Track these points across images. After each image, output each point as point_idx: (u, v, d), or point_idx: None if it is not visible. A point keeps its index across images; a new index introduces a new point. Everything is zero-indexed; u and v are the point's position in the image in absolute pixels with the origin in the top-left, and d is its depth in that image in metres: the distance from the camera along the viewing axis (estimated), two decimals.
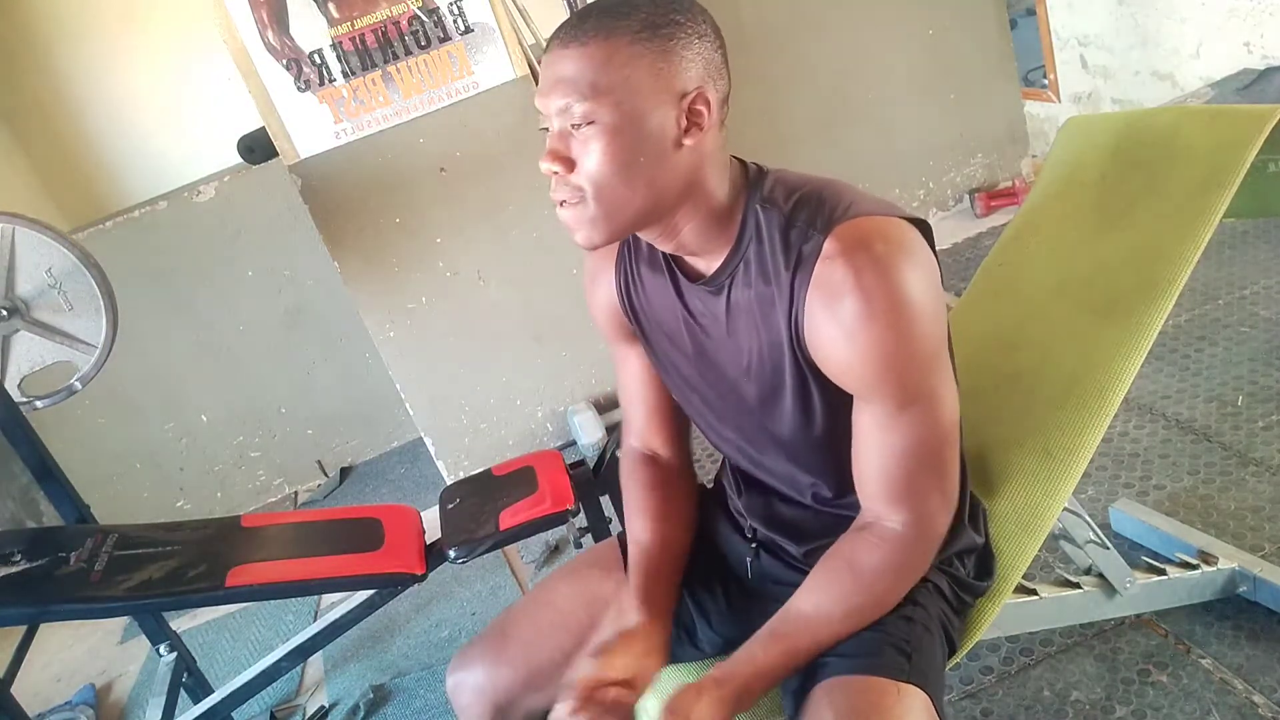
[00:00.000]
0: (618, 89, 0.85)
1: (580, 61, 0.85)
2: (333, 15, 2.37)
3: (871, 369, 0.88)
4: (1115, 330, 1.23)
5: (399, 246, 2.61)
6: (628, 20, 0.85)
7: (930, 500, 0.94)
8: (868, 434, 0.94)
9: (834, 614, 0.95)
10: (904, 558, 0.95)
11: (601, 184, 0.88)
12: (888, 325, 0.85)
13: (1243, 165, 1.19)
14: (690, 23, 0.87)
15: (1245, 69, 2.51)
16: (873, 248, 0.86)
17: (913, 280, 0.86)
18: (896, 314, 0.85)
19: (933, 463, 0.94)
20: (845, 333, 0.87)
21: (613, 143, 0.86)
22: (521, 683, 1.14)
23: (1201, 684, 1.46)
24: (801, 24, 3.17)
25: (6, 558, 1.59)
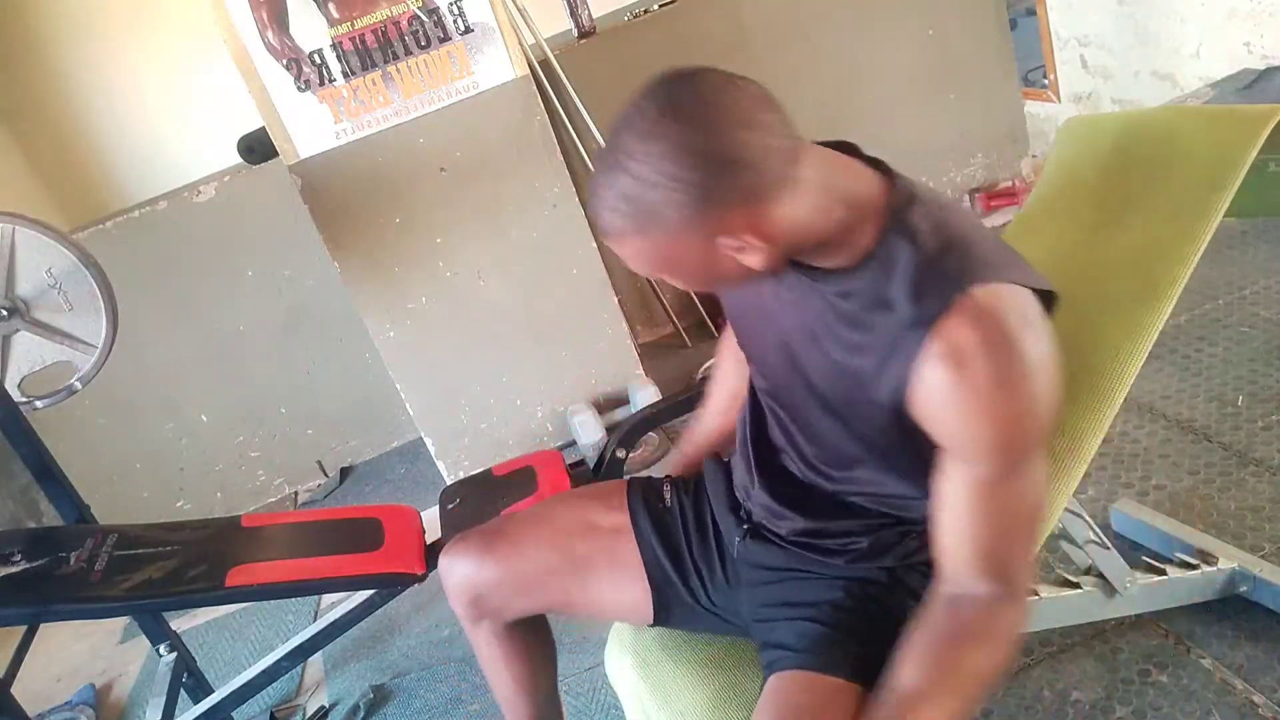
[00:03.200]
0: (642, 268, 0.89)
1: (625, 252, 0.88)
2: (333, 15, 2.37)
3: (984, 434, 0.85)
4: (1115, 330, 1.23)
5: (399, 246, 2.61)
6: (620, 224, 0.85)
7: (1020, 569, 0.92)
8: (957, 498, 0.91)
9: (929, 688, 0.89)
10: (998, 624, 0.91)
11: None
12: (1011, 395, 0.84)
13: (1243, 165, 1.19)
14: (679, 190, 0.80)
15: (1245, 69, 2.51)
16: (1006, 316, 0.84)
17: (1038, 356, 0.85)
18: (1021, 386, 0.84)
19: (1027, 532, 0.92)
20: (965, 396, 0.84)
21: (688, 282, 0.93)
22: (502, 583, 1.23)
23: (1201, 684, 1.46)
24: (801, 24, 3.17)
25: (6, 558, 1.59)
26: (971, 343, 0.82)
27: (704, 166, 0.79)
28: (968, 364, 0.83)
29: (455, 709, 1.98)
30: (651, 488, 1.29)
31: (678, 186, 0.80)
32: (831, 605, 1.04)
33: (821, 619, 1.03)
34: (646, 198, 0.81)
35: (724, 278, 0.89)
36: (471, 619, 1.29)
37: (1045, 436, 0.90)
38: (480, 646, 1.33)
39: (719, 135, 0.80)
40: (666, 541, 1.22)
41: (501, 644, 1.31)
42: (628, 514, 1.25)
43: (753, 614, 1.15)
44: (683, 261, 0.87)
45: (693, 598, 1.22)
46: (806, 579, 1.10)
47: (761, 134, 0.82)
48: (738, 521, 1.17)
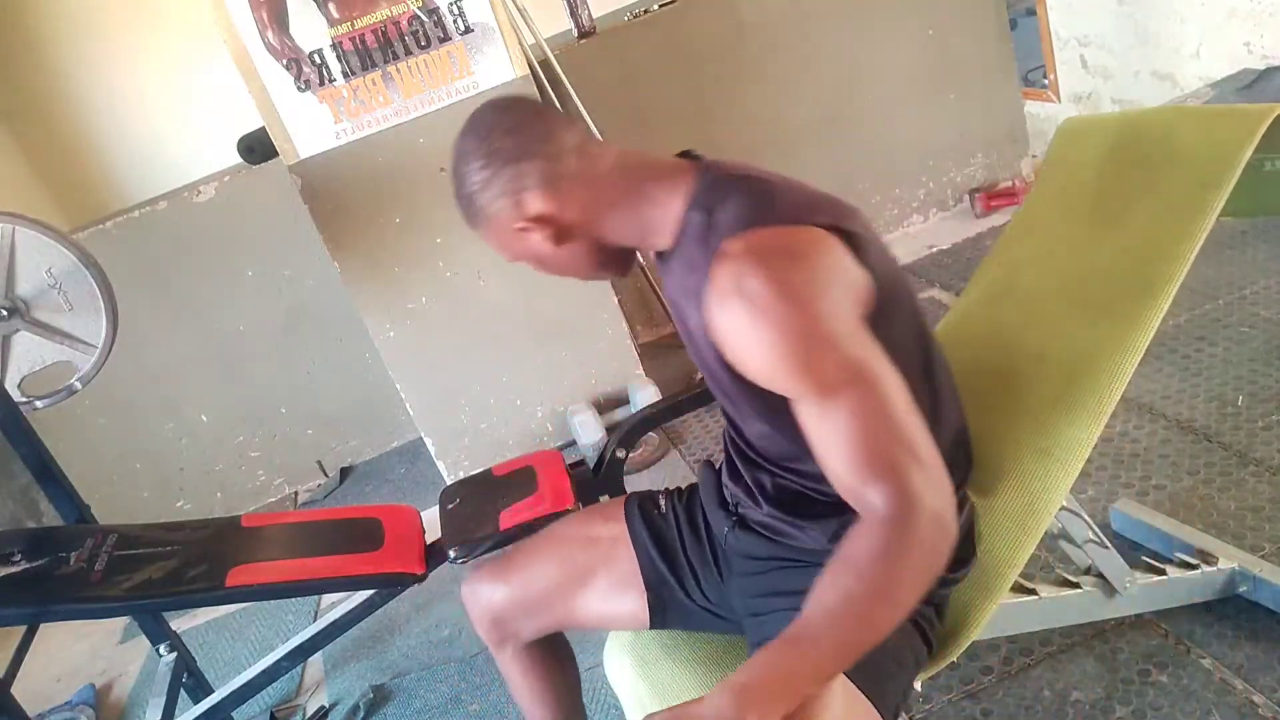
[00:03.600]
0: (503, 253, 1.10)
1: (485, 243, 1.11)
2: (333, 15, 2.37)
3: (774, 368, 0.89)
4: (1112, 328, 1.23)
5: (399, 246, 2.61)
6: (468, 219, 1.07)
7: (907, 471, 0.86)
8: (813, 429, 0.91)
9: (837, 610, 0.84)
10: (896, 537, 0.85)
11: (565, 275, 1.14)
12: (772, 323, 0.87)
13: (1238, 164, 1.19)
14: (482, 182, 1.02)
15: (1245, 69, 2.51)
16: (755, 259, 0.90)
17: (793, 276, 0.89)
18: (778, 310, 0.87)
19: (891, 436, 0.88)
20: (739, 338, 0.91)
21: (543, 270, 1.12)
22: (517, 604, 1.31)
23: (1201, 684, 1.46)
24: (801, 24, 3.17)
25: (6, 558, 1.59)
26: (729, 284, 0.90)
27: (481, 167, 1.02)
28: (729, 303, 0.90)
29: (455, 709, 1.99)
30: (648, 498, 1.35)
31: (472, 184, 1.03)
32: None
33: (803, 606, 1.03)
34: (462, 195, 1.05)
35: (553, 261, 1.08)
36: (495, 643, 1.36)
37: (851, 342, 0.89)
38: (506, 670, 1.39)
39: (489, 141, 1.02)
40: (661, 544, 1.28)
41: (523, 664, 1.37)
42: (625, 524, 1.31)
43: (745, 607, 1.17)
44: (511, 245, 1.07)
45: (688, 596, 1.26)
46: (794, 567, 1.12)
47: (525, 138, 1.01)
48: (726, 515, 1.21)
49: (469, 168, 1.03)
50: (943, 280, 3.08)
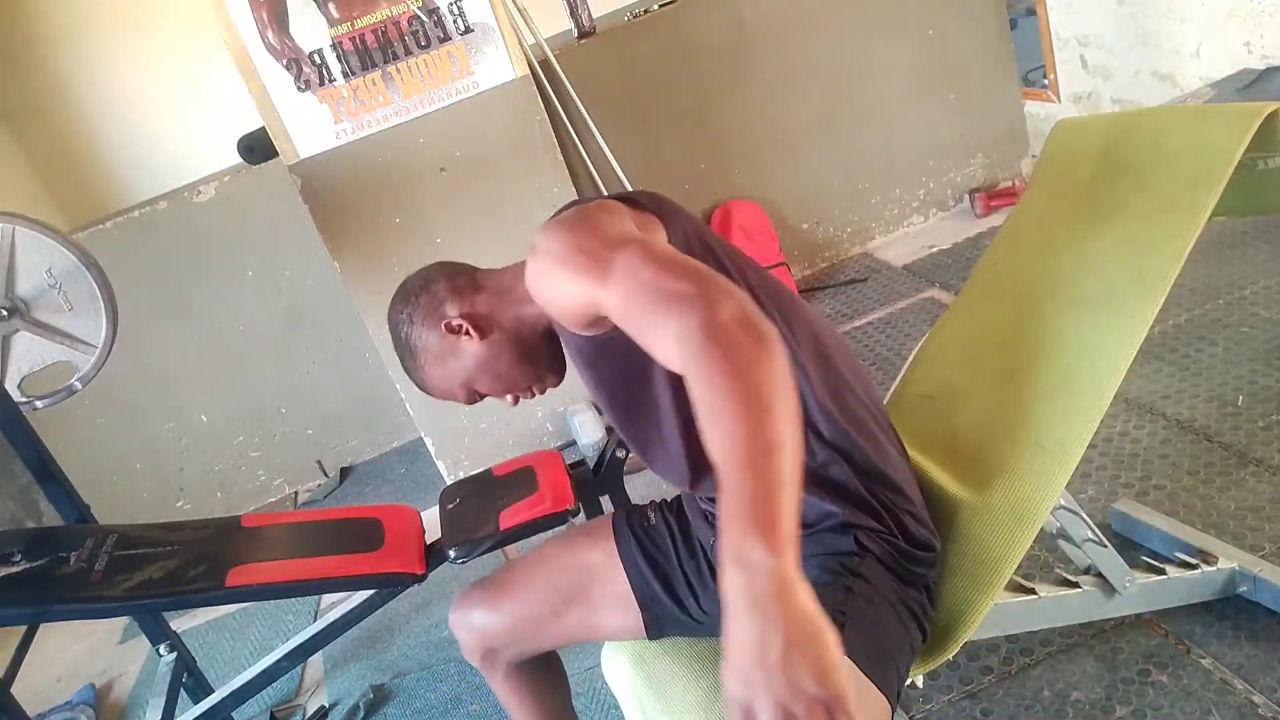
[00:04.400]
0: (455, 391, 1.25)
1: (441, 398, 1.28)
2: (333, 15, 2.37)
3: (561, 280, 0.97)
4: (1107, 326, 1.24)
5: (399, 246, 2.61)
6: (413, 371, 1.26)
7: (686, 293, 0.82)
8: (623, 321, 0.90)
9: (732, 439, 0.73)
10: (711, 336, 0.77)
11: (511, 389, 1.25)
12: (548, 251, 0.99)
13: (1230, 163, 1.20)
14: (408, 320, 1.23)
15: (1245, 69, 2.51)
16: (540, 229, 1.04)
17: (562, 218, 1.03)
18: (550, 239, 0.99)
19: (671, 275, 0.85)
20: (538, 283, 1.03)
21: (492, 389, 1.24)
22: (510, 632, 1.30)
23: (1201, 684, 1.46)
24: (801, 24, 3.17)
25: (6, 558, 1.59)
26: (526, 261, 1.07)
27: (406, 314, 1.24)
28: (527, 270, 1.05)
29: (455, 709, 1.98)
30: (636, 512, 1.35)
31: (404, 331, 1.24)
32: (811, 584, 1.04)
33: None
34: (404, 348, 1.24)
35: (488, 359, 1.19)
36: (488, 669, 1.36)
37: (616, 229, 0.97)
38: (499, 689, 1.40)
39: (407, 299, 1.25)
40: (653, 562, 1.28)
41: (515, 684, 1.38)
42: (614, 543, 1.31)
43: None
44: (451, 369, 1.21)
45: (683, 611, 1.26)
46: None
47: (428, 279, 1.26)
48: (709, 526, 1.22)
49: (399, 322, 1.23)
50: (943, 280, 3.08)
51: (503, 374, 1.20)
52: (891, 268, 3.30)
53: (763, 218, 3.24)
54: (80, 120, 3.53)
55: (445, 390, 1.23)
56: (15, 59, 3.40)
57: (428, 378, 1.23)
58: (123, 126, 3.58)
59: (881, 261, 3.38)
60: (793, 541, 0.69)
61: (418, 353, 1.22)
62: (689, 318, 0.79)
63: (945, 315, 1.60)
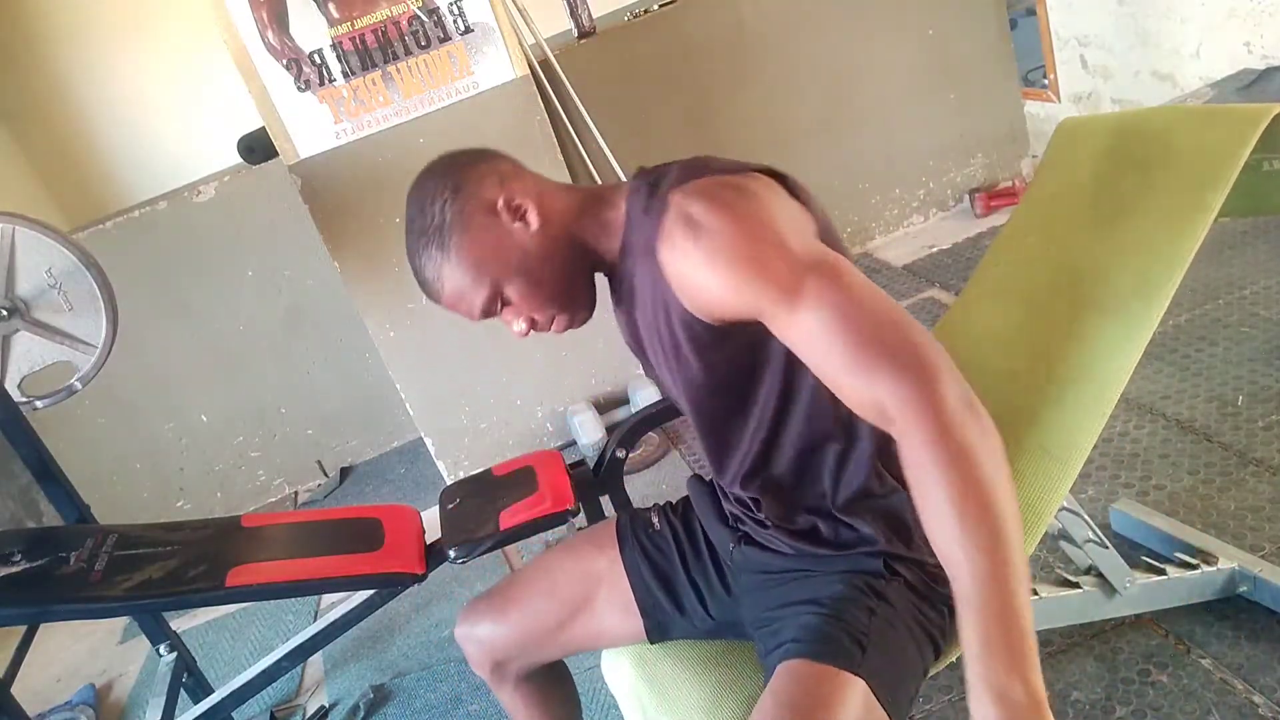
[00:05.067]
0: (478, 287, 1.05)
1: (451, 301, 1.08)
2: (333, 15, 2.37)
3: (732, 282, 0.89)
4: (1111, 329, 1.23)
5: (399, 246, 2.58)
6: (431, 257, 1.06)
7: (904, 353, 0.81)
8: (797, 343, 0.87)
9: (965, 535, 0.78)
10: (938, 425, 0.78)
11: (539, 307, 1.08)
12: (720, 235, 0.89)
13: (1236, 164, 1.19)
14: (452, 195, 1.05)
15: (1245, 69, 2.51)
16: (699, 190, 0.94)
17: (735, 199, 0.92)
18: (723, 224, 0.90)
19: (872, 317, 0.83)
20: (692, 266, 0.91)
21: (520, 298, 1.07)
22: (517, 643, 1.28)
23: (1201, 684, 1.46)
24: (801, 24, 3.17)
25: (6, 558, 1.59)
26: (675, 221, 0.93)
27: (449, 189, 1.06)
28: (677, 236, 0.93)
29: (455, 709, 1.98)
30: (640, 517, 1.32)
31: (438, 205, 1.06)
32: (832, 598, 1.04)
33: (824, 611, 1.02)
34: (429, 227, 1.06)
35: (537, 257, 1.04)
36: (495, 681, 1.34)
37: (803, 244, 0.90)
38: (507, 702, 1.38)
39: (445, 175, 1.08)
40: (658, 570, 1.25)
41: (524, 695, 1.36)
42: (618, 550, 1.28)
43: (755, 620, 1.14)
44: (489, 259, 1.04)
45: (688, 619, 1.24)
46: (807, 577, 1.10)
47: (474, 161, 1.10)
48: (730, 531, 1.18)
49: (434, 187, 1.06)
50: (943, 280, 3.08)
51: (544, 281, 1.05)
52: (891, 268, 3.30)
53: None
54: (80, 120, 3.53)
55: (464, 279, 1.04)
56: (15, 59, 3.40)
57: (450, 257, 1.04)
58: (123, 126, 3.58)
59: (881, 261, 3.38)
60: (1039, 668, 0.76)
61: (448, 225, 1.03)
62: (908, 385, 0.80)
63: (946, 316, 1.60)
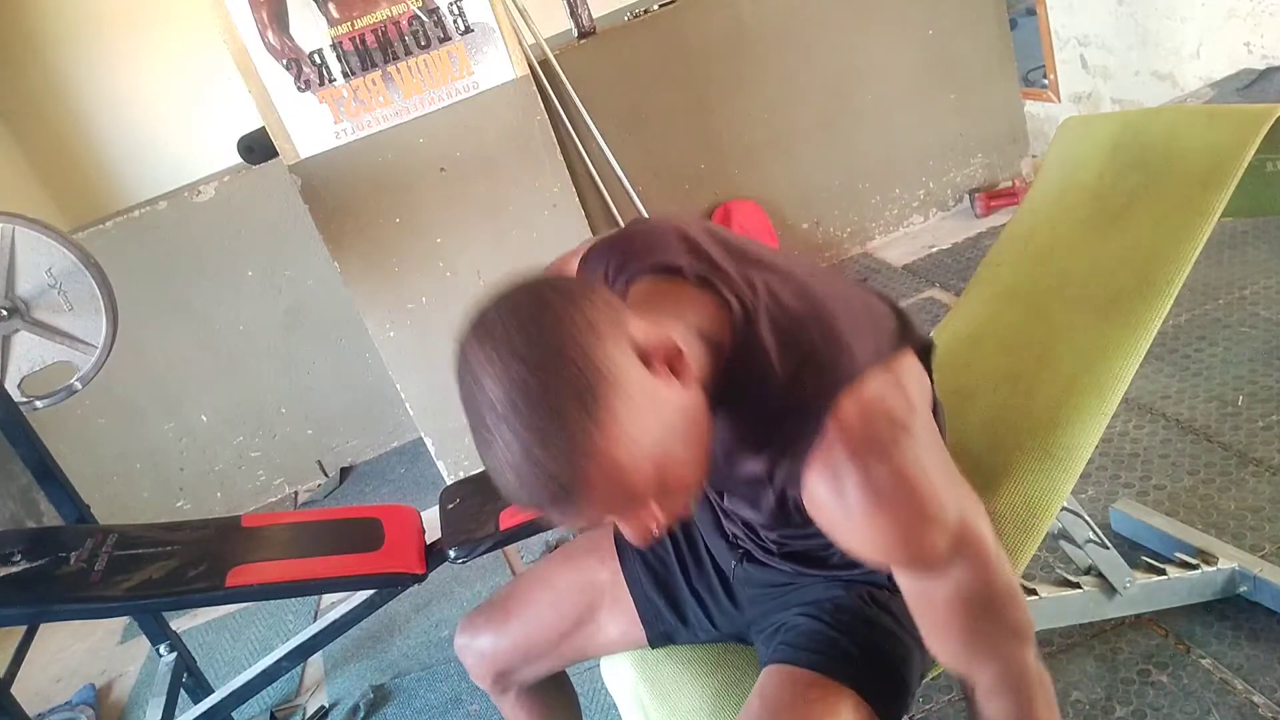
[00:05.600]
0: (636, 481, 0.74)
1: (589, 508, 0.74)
2: (333, 15, 2.37)
3: (883, 552, 0.85)
4: (1114, 330, 1.23)
5: (399, 246, 2.61)
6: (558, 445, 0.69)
7: (1010, 648, 0.88)
8: (914, 598, 0.89)
9: None
10: (1018, 709, 0.89)
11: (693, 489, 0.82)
12: (890, 513, 0.81)
13: (1240, 165, 1.19)
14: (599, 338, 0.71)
15: (1245, 69, 2.51)
16: (875, 431, 0.81)
17: (916, 455, 0.82)
18: (904, 498, 0.81)
19: (994, 612, 0.87)
20: (851, 520, 0.83)
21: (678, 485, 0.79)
22: (520, 655, 1.26)
23: (1201, 684, 1.46)
24: (801, 24, 3.17)
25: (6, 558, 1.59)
26: (842, 465, 0.81)
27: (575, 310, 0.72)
28: (841, 487, 0.81)
29: (455, 709, 1.98)
30: None
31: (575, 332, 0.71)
32: (833, 603, 1.04)
33: (821, 616, 1.02)
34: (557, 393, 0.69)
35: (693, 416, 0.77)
36: (497, 691, 1.32)
37: (949, 526, 0.84)
38: (508, 712, 1.36)
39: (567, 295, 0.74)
40: (658, 578, 1.23)
41: (527, 705, 1.34)
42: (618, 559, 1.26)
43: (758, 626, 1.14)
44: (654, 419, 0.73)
45: (692, 630, 1.23)
46: (810, 584, 1.09)
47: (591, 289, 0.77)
48: (730, 548, 1.16)
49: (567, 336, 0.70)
50: (943, 280, 3.08)
51: (700, 453, 0.80)
52: (891, 268, 3.30)
53: (763, 218, 3.24)
54: (80, 120, 3.53)
55: (628, 470, 0.72)
56: (15, 59, 3.40)
57: (610, 441, 0.70)
58: (123, 126, 3.58)
59: (881, 261, 3.38)
60: None
61: (603, 394, 0.70)
62: (1004, 664, 0.87)
63: (948, 316, 1.59)
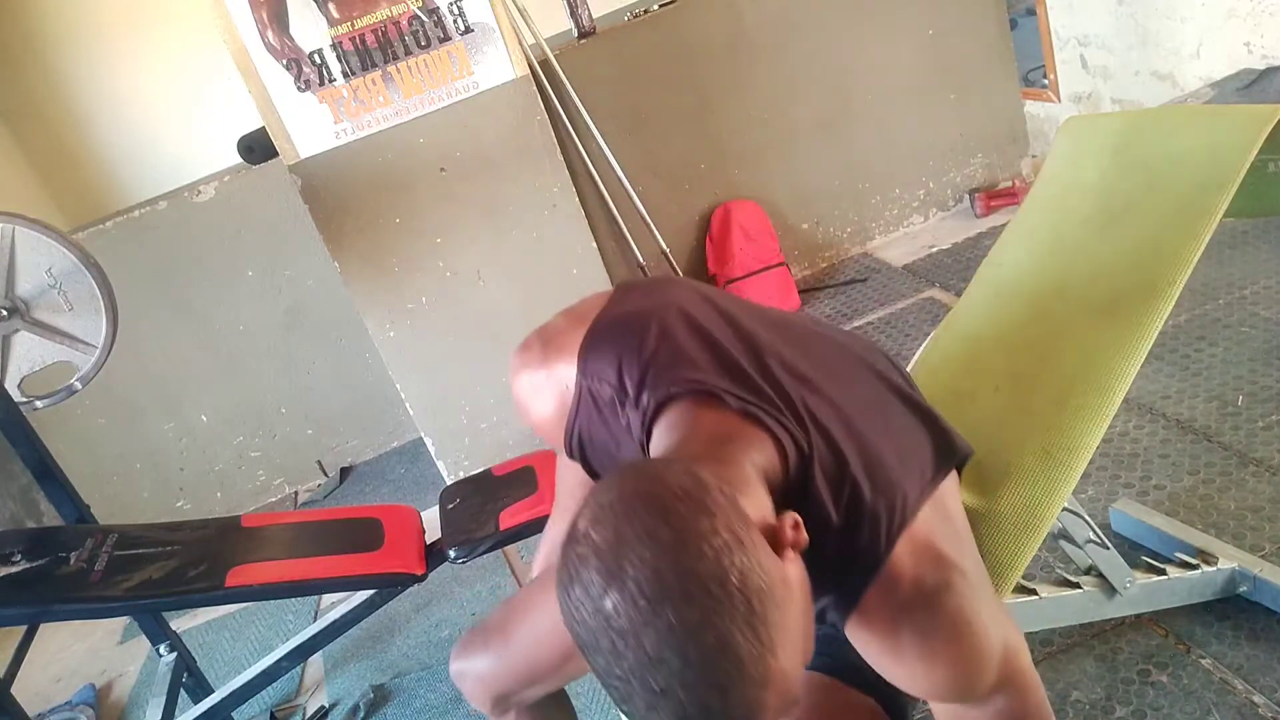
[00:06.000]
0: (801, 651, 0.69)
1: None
2: (333, 15, 2.37)
3: (936, 693, 0.86)
4: (1115, 330, 1.23)
5: (399, 246, 2.61)
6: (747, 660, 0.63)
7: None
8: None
9: None
10: None
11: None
12: (951, 658, 0.82)
13: (1243, 165, 1.19)
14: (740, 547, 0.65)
15: (1245, 69, 2.51)
16: (928, 577, 0.82)
17: (967, 597, 0.82)
18: (958, 644, 0.82)
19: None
20: (904, 665, 0.83)
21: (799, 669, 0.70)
22: (521, 679, 1.19)
23: (1201, 684, 1.46)
24: (801, 24, 3.17)
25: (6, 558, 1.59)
26: (900, 614, 0.81)
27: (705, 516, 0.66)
28: (895, 635, 0.82)
29: (455, 709, 1.98)
30: None
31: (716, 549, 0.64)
32: None
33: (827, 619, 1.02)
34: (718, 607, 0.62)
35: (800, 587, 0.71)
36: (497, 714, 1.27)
37: (1004, 656, 0.84)
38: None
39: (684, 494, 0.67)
40: None
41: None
42: None
43: None
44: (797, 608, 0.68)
45: None
46: None
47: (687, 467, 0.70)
48: None
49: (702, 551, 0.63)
50: (943, 280, 3.08)
51: (805, 600, 0.72)
52: (891, 268, 3.30)
53: (763, 218, 3.24)
54: (80, 120, 3.53)
55: (796, 673, 0.67)
56: (15, 59, 3.40)
57: (783, 658, 0.65)
58: (123, 126, 3.58)
59: (881, 261, 3.38)
60: None
61: (765, 613, 0.64)
62: None
63: (949, 316, 1.59)
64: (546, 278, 2.74)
